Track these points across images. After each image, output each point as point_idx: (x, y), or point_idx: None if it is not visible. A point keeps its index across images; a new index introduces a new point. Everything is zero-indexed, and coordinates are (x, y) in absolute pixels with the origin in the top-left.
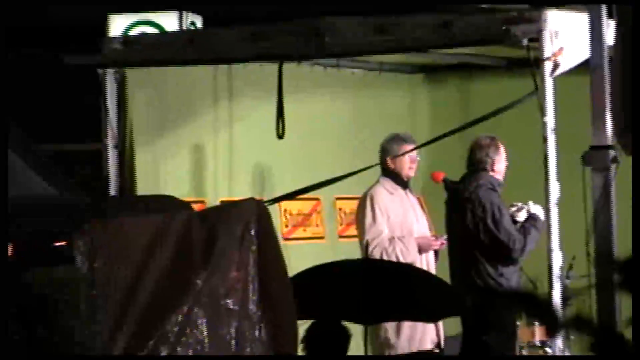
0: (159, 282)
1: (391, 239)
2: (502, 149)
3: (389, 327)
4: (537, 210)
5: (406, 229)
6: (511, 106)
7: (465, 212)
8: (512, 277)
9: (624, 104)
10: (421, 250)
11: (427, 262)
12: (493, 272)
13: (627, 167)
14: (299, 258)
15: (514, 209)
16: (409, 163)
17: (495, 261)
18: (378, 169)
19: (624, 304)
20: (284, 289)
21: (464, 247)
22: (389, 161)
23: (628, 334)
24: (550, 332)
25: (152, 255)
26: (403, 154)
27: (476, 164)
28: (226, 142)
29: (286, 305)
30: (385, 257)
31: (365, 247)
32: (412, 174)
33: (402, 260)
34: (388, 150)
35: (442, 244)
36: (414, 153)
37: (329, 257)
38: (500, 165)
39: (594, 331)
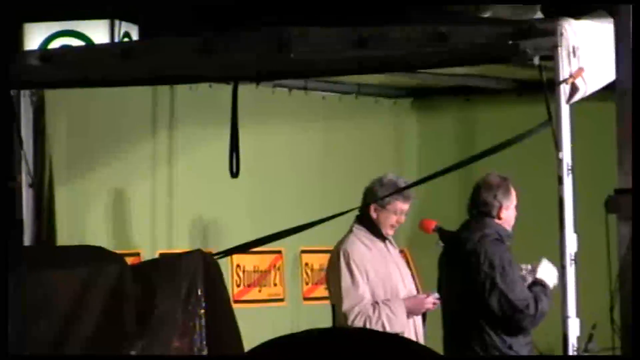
0: (84, 350)
1: (375, 305)
2: (513, 194)
3: None
4: (547, 272)
5: (390, 289)
6: (519, 139)
7: (467, 269)
8: (522, 350)
9: None
10: (410, 314)
11: (415, 328)
12: (500, 343)
13: None
14: (253, 325)
15: (523, 271)
16: (394, 219)
17: (503, 330)
18: (351, 215)
19: None
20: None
21: (464, 311)
22: (372, 209)
23: None
24: None
25: (75, 317)
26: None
27: (480, 206)
28: (165, 182)
29: None
30: (369, 327)
31: (341, 315)
32: (391, 233)
33: (388, 329)
34: (374, 195)
35: (435, 303)
36: (406, 207)
37: (290, 324)
38: (509, 212)
39: None
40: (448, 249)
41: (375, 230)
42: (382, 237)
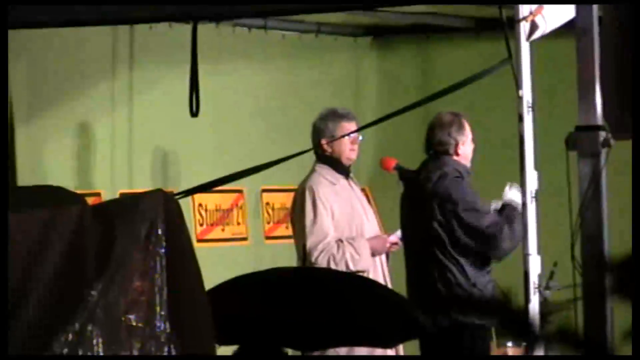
0: (45, 293)
1: (339, 242)
2: (467, 128)
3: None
4: (513, 195)
5: (355, 228)
6: (479, 77)
7: (429, 208)
8: (486, 287)
9: (619, 78)
10: (374, 253)
11: (381, 268)
12: (464, 281)
13: (620, 152)
14: (216, 264)
15: (492, 208)
16: (349, 144)
17: (482, 262)
18: (311, 155)
19: (617, 318)
20: (199, 303)
21: (428, 251)
22: (324, 144)
23: (621, 350)
24: (529, 350)
25: (36, 259)
26: (342, 137)
27: (437, 146)
28: (125, 121)
29: (202, 324)
30: (333, 265)
31: (305, 252)
32: (354, 156)
33: (352, 268)
34: (322, 131)
35: (397, 243)
36: (353, 125)
37: (253, 263)
38: (466, 147)
39: (581, 347)
40: (408, 189)
41: (337, 165)
42: (346, 174)
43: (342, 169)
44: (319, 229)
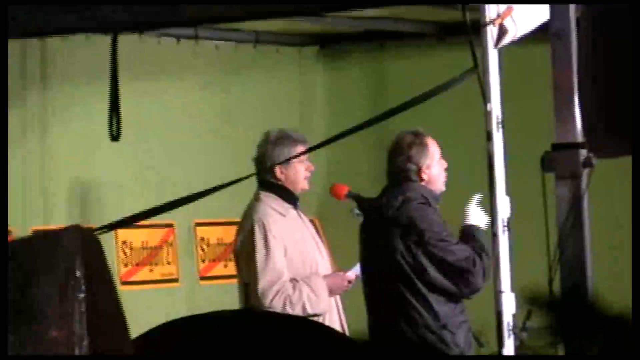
0: None
1: (294, 282)
2: (432, 148)
3: None
4: (477, 216)
5: (309, 265)
6: (441, 90)
7: (391, 238)
8: (458, 331)
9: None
10: (331, 293)
11: (337, 310)
12: (432, 322)
13: (603, 173)
14: (143, 310)
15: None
16: (304, 168)
17: (450, 299)
18: (249, 182)
19: None
20: (124, 354)
21: (391, 287)
22: (278, 171)
23: None
24: None
25: None
26: (290, 159)
27: (397, 173)
28: (38, 149)
29: None
30: (289, 308)
31: (250, 293)
32: (307, 186)
33: (309, 311)
34: (274, 157)
35: (351, 282)
36: (307, 159)
37: (186, 307)
38: (432, 170)
39: None
40: (368, 219)
41: (286, 194)
42: (294, 203)
43: (292, 198)
44: (272, 269)
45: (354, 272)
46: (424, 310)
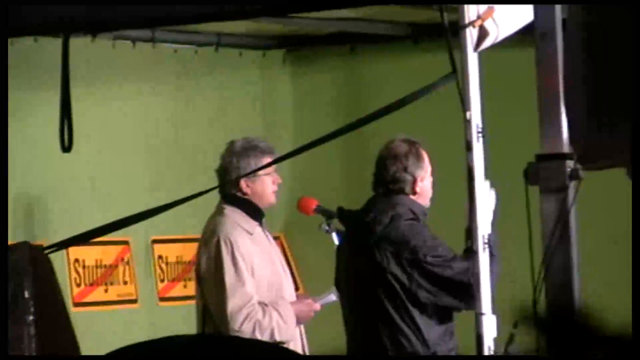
0: None
1: (264, 307)
2: (426, 159)
3: None
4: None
5: (275, 289)
6: (416, 97)
7: (380, 257)
8: (448, 356)
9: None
10: (298, 321)
11: (301, 337)
12: (421, 348)
13: (590, 185)
14: (98, 333)
15: None
16: (272, 181)
17: (435, 324)
18: (211, 196)
19: None
20: None
21: (377, 310)
22: (244, 184)
23: None
24: None
25: None
26: (256, 170)
27: (390, 184)
28: None
29: None
30: (257, 334)
31: (223, 317)
32: (274, 201)
33: (277, 338)
34: (240, 169)
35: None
36: (275, 171)
37: (146, 330)
38: (425, 183)
39: None
40: (352, 237)
41: (252, 210)
42: (260, 219)
43: (258, 214)
44: (242, 291)
45: (325, 300)
46: (411, 334)
